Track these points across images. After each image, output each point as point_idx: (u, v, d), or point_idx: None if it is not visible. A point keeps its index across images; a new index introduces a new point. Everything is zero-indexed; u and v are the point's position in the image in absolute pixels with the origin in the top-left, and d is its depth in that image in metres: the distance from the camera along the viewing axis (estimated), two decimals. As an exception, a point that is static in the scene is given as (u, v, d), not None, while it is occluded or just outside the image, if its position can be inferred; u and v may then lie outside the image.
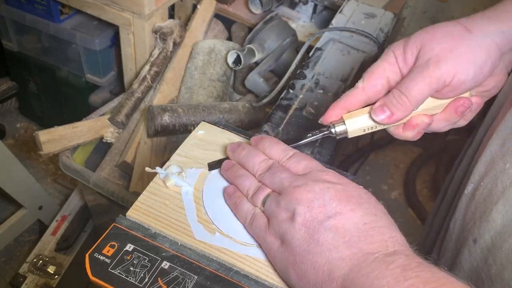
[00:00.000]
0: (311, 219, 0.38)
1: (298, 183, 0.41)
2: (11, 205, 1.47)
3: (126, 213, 0.45)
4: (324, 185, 0.40)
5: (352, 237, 0.37)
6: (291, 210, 0.39)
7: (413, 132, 0.47)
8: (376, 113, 0.45)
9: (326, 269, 0.36)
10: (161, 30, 1.12)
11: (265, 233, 0.41)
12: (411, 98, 0.43)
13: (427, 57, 0.43)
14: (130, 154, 1.04)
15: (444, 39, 0.43)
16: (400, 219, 1.69)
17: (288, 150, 0.46)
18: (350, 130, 0.47)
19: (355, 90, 0.47)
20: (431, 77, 0.42)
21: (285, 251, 0.39)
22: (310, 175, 0.42)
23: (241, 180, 0.46)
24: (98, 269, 0.39)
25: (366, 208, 0.39)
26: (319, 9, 1.27)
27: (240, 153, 0.48)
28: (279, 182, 0.42)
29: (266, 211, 0.42)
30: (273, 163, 0.45)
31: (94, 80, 1.43)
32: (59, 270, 1.26)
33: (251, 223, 0.43)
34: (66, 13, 1.34)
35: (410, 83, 0.43)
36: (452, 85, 0.43)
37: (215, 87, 1.10)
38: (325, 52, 0.85)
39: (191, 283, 0.40)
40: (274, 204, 0.41)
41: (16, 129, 1.79)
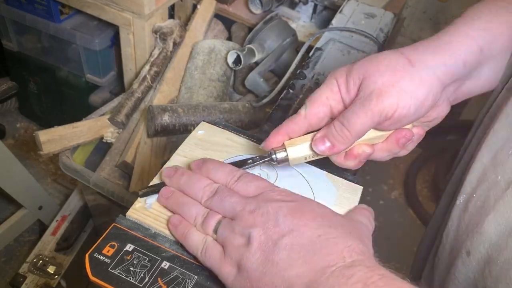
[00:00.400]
0: (266, 240, 0.37)
1: (251, 206, 0.40)
2: (11, 205, 1.47)
3: (126, 213, 0.45)
4: (276, 204, 0.39)
5: (307, 252, 0.36)
6: (246, 235, 0.38)
7: (355, 162, 0.46)
8: (316, 144, 0.44)
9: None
10: (161, 30, 1.12)
11: (220, 262, 0.39)
12: (352, 131, 0.43)
13: (370, 89, 0.42)
14: (130, 154, 1.04)
15: (386, 71, 0.42)
16: (400, 219, 1.69)
17: (234, 171, 0.44)
18: (291, 158, 0.46)
19: (297, 117, 0.46)
20: (373, 111, 0.42)
21: (242, 279, 0.38)
22: (262, 196, 0.41)
23: (186, 208, 0.43)
24: (98, 269, 0.39)
25: (320, 221, 0.38)
26: (319, 9, 1.27)
27: (180, 179, 0.45)
28: (230, 207, 0.41)
29: (219, 239, 0.40)
30: (219, 186, 0.43)
31: (94, 80, 1.43)
32: (59, 270, 1.26)
33: (204, 253, 0.40)
34: (66, 13, 1.34)
35: (351, 116, 0.43)
36: (393, 119, 0.42)
37: (215, 87, 1.10)
38: (325, 52, 0.85)
39: (191, 283, 0.40)
40: (228, 230, 0.40)
41: (16, 129, 1.80)
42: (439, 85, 0.43)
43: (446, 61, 0.43)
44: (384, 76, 0.42)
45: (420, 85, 0.42)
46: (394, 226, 1.64)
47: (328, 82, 0.46)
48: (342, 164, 0.46)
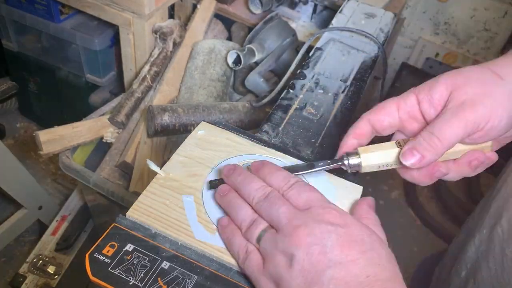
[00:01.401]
0: (309, 267, 0.36)
1: (297, 222, 0.38)
2: (11, 205, 1.47)
3: (126, 213, 0.45)
4: (325, 228, 0.38)
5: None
6: (288, 254, 0.37)
7: (429, 178, 0.45)
8: (405, 157, 0.43)
9: None
10: (161, 30, 1.12)
11: (258, 274, 0.39)
12: (444, 141, 0.41)
13: (461, 99, 0.42)
14: (130, 154, 1.04)
15: (477, 83, 0.42)
16: (400, 219, 1.69)
17: (289, 178, 0.43)
18: (364, 165, 0.45)
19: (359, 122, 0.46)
20: (467, 119, 0.41)
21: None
22: (311, 212, 0.39)
23: (236, 210, 0.43)
24: (98, 269, 0.39)
25: (369, 258, 0.37)
26: (319, 9, 1.27)
27: (237, 178, 0.45)
28: (277, 217, 0.40)
29: (261, 250, 0.40)
30: (271, 191, 0.42)
31: (94, 80, 1.43)
32: (59, 270, 1.26)
33: (244, 261, 0.40)
34: (66, 13, 1.34)
35: (443, 125, 0.41)
36: (485, 130, 0.42)
37: (215, 87, 1.10)
38: (325, 52, 0.85)
39: (191, 283, 0.40)
40: (271, 244, 0.39)
41: (16, 129, 1.79)
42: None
43: None
44: (475, 88, 0.42)
45: (511, 98, 0.41)
46: (394, 226, 1.64)
47: (404, 95, 0.45)
48: (414, 179, 0.45)
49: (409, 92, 0.45)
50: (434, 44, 1.88)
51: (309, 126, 0.69)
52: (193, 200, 0.47)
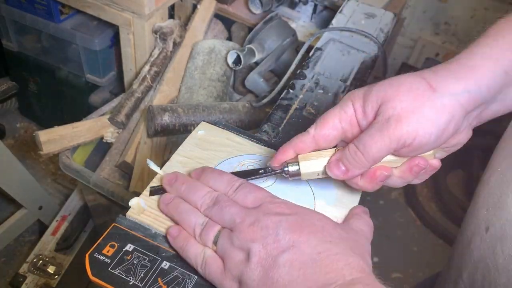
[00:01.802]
0: (266, 256, 0.37)
1: (250, 219, 0.39)
2: (11, 205, 1.47)
3: (126, 213, 0.45)
4: (276, 218, 0.39)
5: (307, 270, 0.36)
6: (245, 249, 0.38)
7: (371, 184, 0.44)
8: (331, 168, 0.44)
9: None
10: (161, 30, 1.12)
11: (221, 277, 0.39)
12: (368, 157, 0.41)
13: (388, 114, 0.41)
14: (130, 154, 1.04)
15: (407, 97, 0.41)
16: (400, 219, 1.69)
17: (233, 181, 0.44)
18: (304, 172, 0.45)
19: (305, 136, 0.45)
20: (391, 137, 0.40)
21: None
22: (261, 208, 0.41)
23: (185, 216, 0.43)
24: (98, 269, 0.39)
25: (320, 237, 0.38)
26: (319, 9, 1.27)
27: (180, 187, 0.45)
28: (230, 218, 0.40)
29: (219, 251, 0.40)
30: (219, 195, 0.43)
31: (94, 80, 1.43)
32: (59, 270, 1.26)
33: (204, 268, 0.40)
34: (66, 13, 1.34)
35: (368, 141, 0.41)
36: (412, 146, 0.41)
37: (215, 87, 1.10)
38: (325, 52, 0.85)
39: (191, 283, 0.40)
40: (227, 243, 0.39)
41: (16, 129, 1.79)
42: (462, 112, 0.41)
43: (469, 87, 0.40)
44: (404, 102, 0.40)
45: (442, 112, 0.40)
46: (394, 226, 1.64)
47: (342, 104, 0.45)
48: (358, 185, 0.45)
49: (347, 100, 0.44)
50: (434, 44, 1.88)
51: (309, 126, 0.69)
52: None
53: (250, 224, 0.39)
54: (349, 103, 0.44)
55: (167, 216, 0.45)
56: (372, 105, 0.42)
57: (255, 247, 0.38)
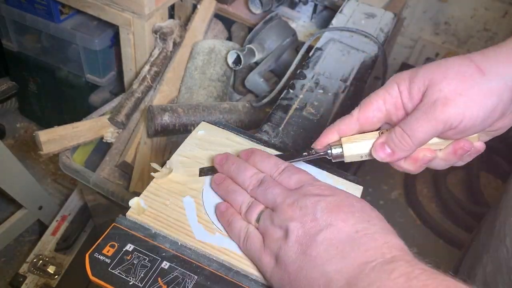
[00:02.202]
0: (304, 234, 0.38)
1: (290, 199, 0.41)
2: (11, 205, 1.47)
3: (126, 213, 0.45)
4: (315, 199, 0.40)
5: (345, 247, 0.36)
6: (284, 227, 0.39)
7: (415, 166, 0.45)
8: (377, 151, 0.44)
9: (322, 284, 0.35)
10: (161, 30, 1.12)
11: (260, 252, 0.40)
12: (414, 139, 0.42)
13: (435, 97, 0.41)
14: (130, 154, 1.04)
15: (454, 79, 0.41)
16: (400, 219, 1.69)
17: (279, 164, 0.45)
18: (347, 154, 0.46)
19: (348, 119, 0.46)
20: (437, 120, 0.40)
21: (280, 271, 0.38)
22: (301, 189, 0.42)
23: (234, 196, 0.45)
24: (98, 269, 0.39)
25: (358, 217, 0.38)
26: (319, 9, 1.27)
27: (230, 167, 0.47)
28: (272, 198, 0.42)
29: (260, 228, 0.42)
30: (265, 177, 0.44)
31: (94, 80, 1.43)
32: (59, 270, 1.26)
33: (245, 242, 0.42)
34: (66, 13, 1.34)
35: (414, 124, 0.41)
36: (458, 129, 0.41)
37: (215, 87, 1.10)
38: (325, 52, 0.85)
39: (191, 283, 0.40)
40: (268, 221, 0.41)
41: (16, 129, 1.79)
42: (510, 95, 0.41)
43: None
44: (452, 84, 0.40)
45: (489, 95, 0.40)
46: (394, 226, 1.63)
47: (387, 86, 0.45)
48: (401, 167, 0.46)
49: (392, 82, 0.45)
50: (434, 44, 1.88)
51: (309, 126, 0.69)
52: (193, 200, 0.47)
53: (290, 204, 0.40)
54: (395, 85, 0.44)
55: (217, 194, 0.47)
56: (418, 87, 0.42)
57: (293, 225, 0.38)
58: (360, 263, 0.35)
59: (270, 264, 0.39)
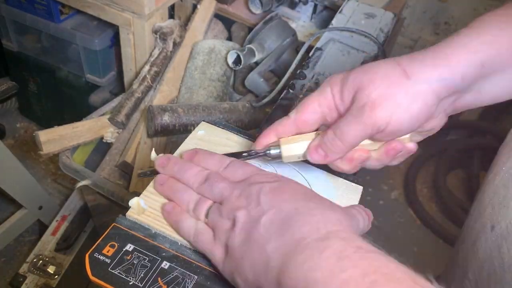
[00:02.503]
0: (249, 220, 0.39)
1: (237, 191, 0.41)
2: (11, 205, 1.47)
3: (126, 213, 0.45)
4: (259, 186, 0.41)
5: (283, 225, 0.37)
6: (232, 218, 0.40)
7: (350, 166, 0.46)
8: (310, 153, 0.45)
9: (262, 263, 0.36)
10: (161, 30, 1.12)
11: (211, 246, 0.41)
12: (345, 142, 0.43)
13: (363, 101, 0.42)
14: (130, 154, 1.04)
15: (381, 84, 0.42)
16: (400, 219, 1.69)
17: (224, 159, 0.46)
18: (285, 155, 0.47)
19: (286, 121, 0.47)
20: (365, 123, 0.42)
21: (230, 259, 0.39)
22: (247, 180, 0.43)
23: (179, 194, 0.45)
24: (98, 269, 0.39)
25: (299, 198, 0.39)
26: (319, 9, 1.27)
27: (173, 167, 0.47)
28: (219, 192, 0.42)
29: (210, 223, 0.42)
30: (210, 173, 0.44)
31: (94, 80, 1.43)
32: (59, 270, 1.26)
33: (196, 238, 0.42)
34: (66, 13, 1.34)
35: (344, 127, 0.43)
36: (386, 132, 0.42)
37: (215, 87, 1.10)
38: (325, 52, 0.85)
39: (191, 283, 0.40)
40: (216, 214, 0.41)
41: (16, 129, 1.79)
42: (435, 98, 0.42)
43: (443, 74, 0.42)
44: (378, 89, 0.42)
45: (414, 99, 0.41)
46: (394, 226, 1.64)
47: (322, 89, 0.46)
48: (337, 167, 0.47)
49: (325, 85, 0.46)
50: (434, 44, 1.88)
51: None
52: (193, 200, 0.47)
53: (236, 195, 0.41)
54: (328, 89, 0.45)
55: (162, 195, 0.46)
56: (348, 92, 0.44)
57: (240, 213, 0.39)
58: (296, 239, 0.36)
59: (222, 255, 0.40)
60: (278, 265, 0.35)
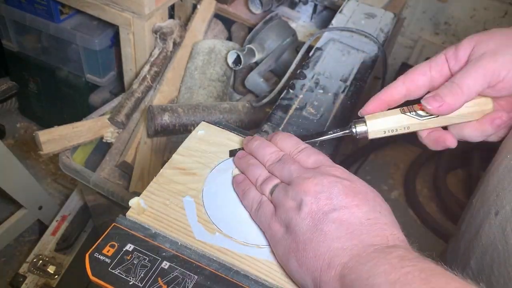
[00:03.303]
0: (317, 209, 0.39)
1: (306, 175, 0.42)
2: (11, 205, 1.47)
3: (126, 213, 0.45)
4: (332, 179, 0.41)
5: (354, 230, 0.38)
6: (298, 200, 0.40)
7: (492, 126, 0.46)
8: (428, 101, 0.45)
9: (327, 257, 0.37)
10: (161, 30, 1.12)
11: (270, 220, 0.42)
12: (465, 89, 0.43)
13: (483, 51, 0.43)
14: (130, 154, 1.04)
15: (500, 37, 0.44)
16: (400, 219, 1.67)
17: (299, 144, 0.47)
18: (371, 130, 0.47)
19: (395, 83, 0.48)
20: (486, 69, 0.42)
21: (288, 238, 0.40)
22: (319, 169, 0.43)
23: (252, 169, 0.47)
24: (98, 269, 0.39)
25: (371, 206, 0.40)
26: (319, 9, 1.27)
27: (253, 143, 0.49)
28: (288, 173, 0.43)
29: (273, 200, 0.43)
30: (284, 155, 0.46)
31: (94, 80, 1.43)
32: (59, 270, 1.26)
33: (257, 210, 0.44)
34: (66, 13, 1.34)
35: (464, 74, 0.43)
36: (506, 81, 0.42)
37: (215, 87, 1.10)
38: (325, 52, 0.85)
39: (191, 283, 0.40)
40: (282, 193, 0.42)
41: (16, 129, 1.79)
42: None
43: None
44: (497, 40, 0.43)
45: None
46: (394, 226, 1.64)
47: (434, 57, 0.47)
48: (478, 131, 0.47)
49: (439, 53, 0.47)
50: (434, 44, 1.88)
51: (309, 126, 0.69)
52: (193, 200, 0.47)
53: (305, 178, 0.41)
54: (441, 55, 0.47)
55: (238, 168, 0.50)
56: (465, 49, 0.45)
57: (308, 199, 0.40)
58: (365, 245, 0.37)
59: (280, 232, 0.41)
60: (343, 262, 0.36)
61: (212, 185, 0.49)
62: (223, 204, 0.47)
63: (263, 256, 0.43)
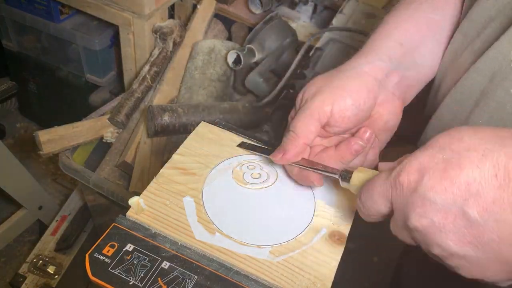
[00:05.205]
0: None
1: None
2: (11, 205, 1.47)
3: (126, 213, 0.45)
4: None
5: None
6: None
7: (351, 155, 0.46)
8: (273, 154, 0.47)
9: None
10: (161, 30, 1.12)
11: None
12: (299, 132, 0.45)
13: (307, 96, 0.47)
14: (130, 154, 1.04)
15: (318, 82, 0.47)
16: (400, 219, 1.68)
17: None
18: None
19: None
20: (311, 109, 0.45)
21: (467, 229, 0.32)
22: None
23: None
24: (98, 269, 0.39)
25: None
26: (319, 9, 1.27)
27: None
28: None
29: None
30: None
31: (94, 80, 1.43)
32: (59, 270, 1.26)
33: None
34: (66, 13, 1.34)
35: (296, 119, 0.46)
36: (335, 115, 0.45)
37: (215, 87, 1.10)
38: (325, 52, 0.85)
39: (191, 283, 0.40)
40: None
41: (16, 129, 1.79)
42: (370, 79, 0.46)
43: (369, 58, 0.47)
44: (318, 83, 0.47)
45: (350, 80, 0.46)
46: (394, 226, 1.64)
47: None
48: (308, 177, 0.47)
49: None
50: (434, 44, 1.87)
51: (309, 126, 0.68)
52: (193, 200, 0.47)
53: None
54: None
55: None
56: (298, 97, 0.49)
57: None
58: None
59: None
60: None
61: (212, 185, 0.49)
62: (223, 204, 0.47)
63: (263, 256, 0.43)
